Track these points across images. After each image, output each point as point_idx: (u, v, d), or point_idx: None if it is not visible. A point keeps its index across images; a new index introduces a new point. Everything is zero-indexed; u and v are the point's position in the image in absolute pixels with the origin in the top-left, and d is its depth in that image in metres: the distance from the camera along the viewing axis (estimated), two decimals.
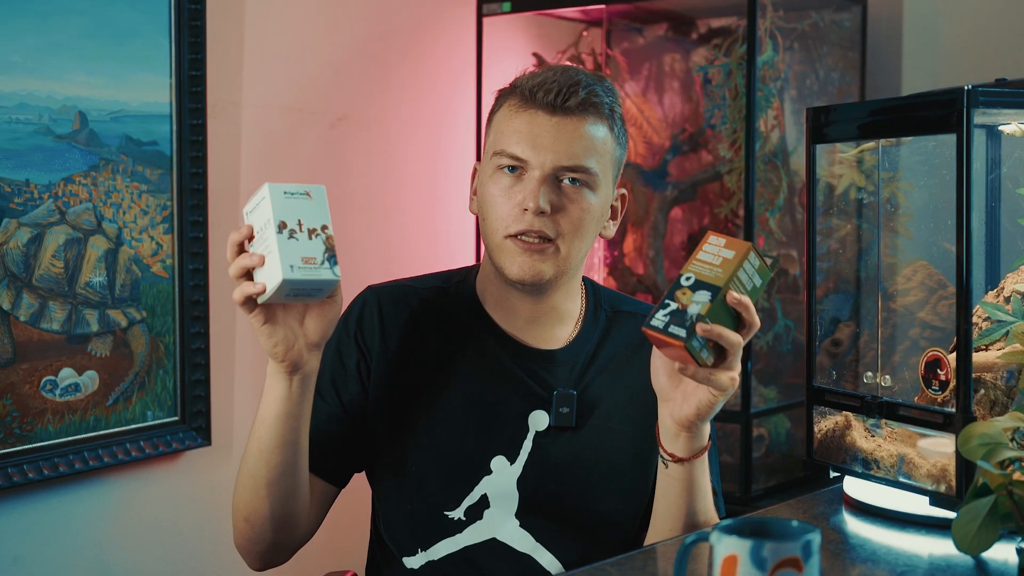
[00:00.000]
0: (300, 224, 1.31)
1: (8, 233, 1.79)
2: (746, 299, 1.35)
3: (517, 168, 1.51)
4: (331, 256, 1.32)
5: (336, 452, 1.55)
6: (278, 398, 1.42)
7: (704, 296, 1.34)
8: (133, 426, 1.97)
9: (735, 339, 1.34)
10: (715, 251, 1.38)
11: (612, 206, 1.60)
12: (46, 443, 1.84)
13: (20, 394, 1.81)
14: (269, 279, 1.30)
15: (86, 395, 1.90)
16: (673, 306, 1.35)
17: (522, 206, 1.49)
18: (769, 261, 1.40)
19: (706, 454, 1.45)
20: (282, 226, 1.30)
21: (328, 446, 1.54)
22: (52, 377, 1.86)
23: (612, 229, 1.61)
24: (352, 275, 2.36)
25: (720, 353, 1.34)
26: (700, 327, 1.32)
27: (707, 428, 1.44)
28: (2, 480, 1.78)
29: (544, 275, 1.50)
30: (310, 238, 1.31)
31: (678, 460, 1.43)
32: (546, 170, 1.49)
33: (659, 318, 1.35)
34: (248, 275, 1.34)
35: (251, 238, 1.34)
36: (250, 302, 1.34)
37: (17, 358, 1.81)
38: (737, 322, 1.35)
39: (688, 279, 1.37)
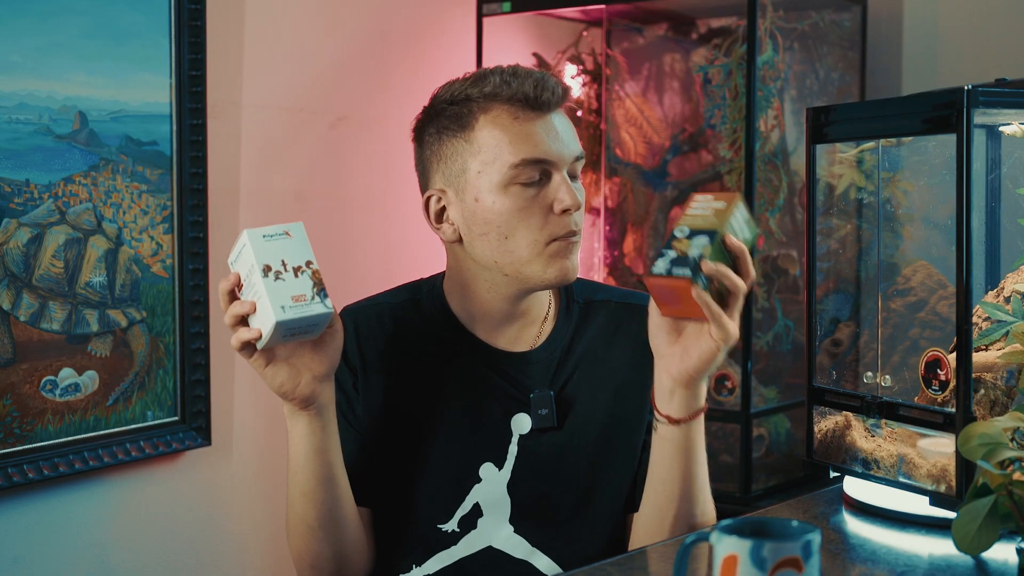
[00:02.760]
0: (284, 264, 1.32)
1: (8, 233, 1.79)
2: (743, 245, 1.35)
3: (542, 176, 1.48)
4: (320, 290, 1.32)
5: (362, 474, 1.54)
6: (302, 436, 1.42)
7: (703, 240, 1.34)
8: (133, 426, 1.97)
9: (739, 281, 1.33)
10: (704, 205, 1.39)
11: None
12: (46, 443, 1.84)
13: (20, 394, 1.81)
14: (263, 324, 1.32)
15: (86, 395, 1.90)
16: (672, 254, 1.35)
17: (560, 207, 1.46)
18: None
19: (702, 417, 1.43)
20: (266, 269, 1.31)
21: (360, 474, 1.53)
22: (52, 377, 1.86)
23: None
24: (352, 276, 2.37)
25: (721, 301, 1.34)
26: (705, 265, 1.32)
27: (704, 388, 1.42)
28: (2, 480, 1.78)
29: (576, 271, 1.51)
30: (296, 276, 1.32)
31: (674, 421, 1.41)
32: (568, 165, 1.49)
33: (659, 265, 1.34)
34: (243, 322, 1.34)
35: (240, 286, 1.35)
36: (248, 347, 1.35)
37: (17, 358, 1.81)
38: (734, 271, 1.35)
39: (682, 231, 1.36)
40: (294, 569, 1.53)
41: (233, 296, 1.36)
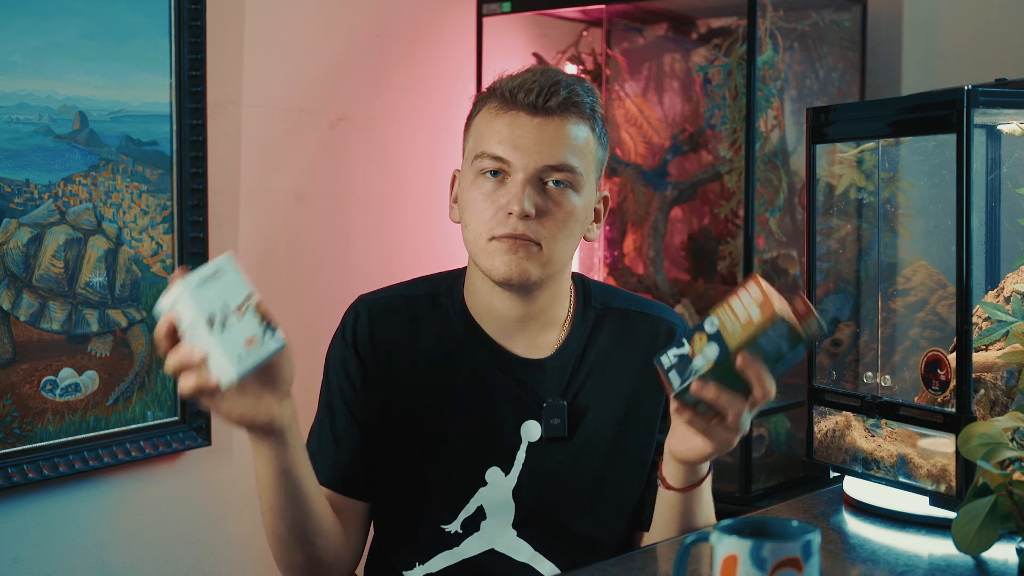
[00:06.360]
0: (227, 307, 1.24)
1: (8, 233, 1.79)
2: (759, 368, 1.24)
3: (500, 172, 1.47)
4: (267, 324, 1.25)
5: (362, 468, 1.53)
6: (266, 459, 1.36)
7: (713, 352, 1.24)
8: (133, 426, 1.97)
9: (731, 406, 1.26)
10: (748, 303, 1.24)
11: (596, 208, 1.57)
12: (46, 443, 1.84)
13: (20, 394, 1.81)
14: (220, 374, 1.23)
15: (86, 395, 1.90)
16: (685, 349, 1.27)
17: (506, 210, 1.45)
18: (814, 323, 1.27)
19: (707, 481, 1.43)
20: (211, 321, 1.23)
21: (352, 464, 1.53)
22: (52, 377, 1.86)
23: (596, 232, 1.57)
24: (352, 275, 2.37)
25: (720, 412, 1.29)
26: (695, 384, 1.24)
27: (706, 464, 1.41)
28: (2, 480, 1.78)
29: (531, 275, 1.47)
30: (242, 316, 1.24)
31: (674, 489, 1.42)
32: (530, 172, 1.46)
33: (669, 356, 1.28)
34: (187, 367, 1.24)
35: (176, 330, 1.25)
36: (199, 394, 1.25)
37: (17, 358, 1.81)
38: (744, 388, 1.27)
39: (712, 324, 1.26)
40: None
41: (172, 339, 1.24)
